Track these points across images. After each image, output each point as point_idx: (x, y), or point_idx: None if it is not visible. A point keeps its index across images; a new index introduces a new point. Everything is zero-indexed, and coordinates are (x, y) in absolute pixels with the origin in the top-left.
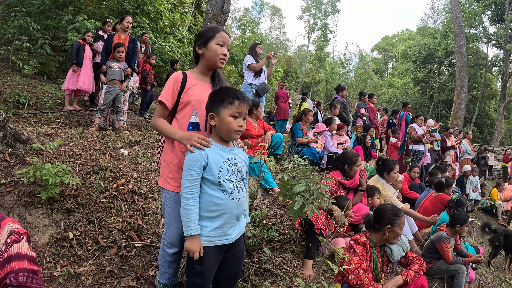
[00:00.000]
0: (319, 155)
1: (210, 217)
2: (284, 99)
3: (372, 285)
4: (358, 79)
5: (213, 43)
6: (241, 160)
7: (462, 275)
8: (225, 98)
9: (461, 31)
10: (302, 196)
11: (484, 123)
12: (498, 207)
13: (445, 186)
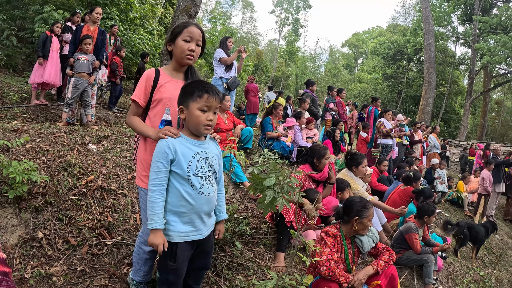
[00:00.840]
0: (289, 148)
1: (180, 212)
2: (254, 93)
3: (344, 276)
4: (328, 74)
5: (180, 39)
6: (213, 154)
7: (430, 264)
8: (195, 91)
9: (430, 29)
10: (273, 190)
11: (451, 118)
12: (464, 198)
13: (413, 180)
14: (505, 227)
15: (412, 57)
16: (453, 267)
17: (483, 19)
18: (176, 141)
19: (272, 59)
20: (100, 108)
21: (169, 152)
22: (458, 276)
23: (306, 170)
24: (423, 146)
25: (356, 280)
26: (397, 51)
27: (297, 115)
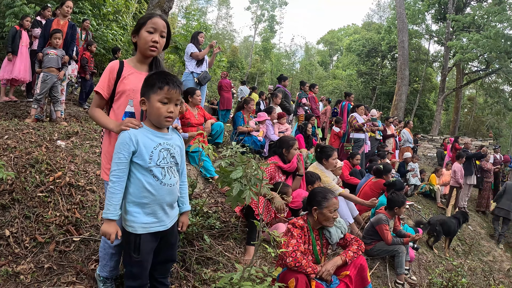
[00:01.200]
0: (260, 143)
1: (142, 203)
2: (228, 88)
3: (311, 267)
4: (303, 71)
5: (143, 30)
6: (175, 145)
7: (402, 255)
8: (155, 83)
9: (404, 27)
10: (240, 182)
11: (424, 114)
12: (437, 191)
13: (383, 172)
14: (478, 218)
15: (386, 54)
16: (426, 257)
17: (456, 18)
18: (138, 132)
19: (247, 56)
20: (70, 104)
21: (131, 143)
22: (431, 266)
23: (276, 160)
24: (396, 140)
25: (324, 271)
26: (372, 48)
27: (268, 110)
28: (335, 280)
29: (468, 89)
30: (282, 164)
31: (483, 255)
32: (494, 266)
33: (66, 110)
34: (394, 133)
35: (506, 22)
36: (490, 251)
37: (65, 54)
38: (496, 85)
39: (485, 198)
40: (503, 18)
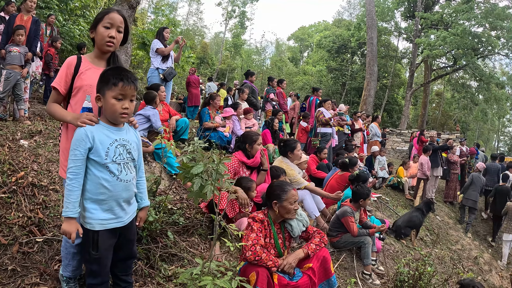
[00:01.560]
0: (227, 139)
1: (99, 200)
2: (196, 85)
3: (272, 260)
4: (274, 67)
5: (100, 26)
6: (131, 141)
7: (368, 246)
8: (110, 79)
9: (373, 24)
10: (201, 178)
11: (393, 109)
12: (405, 183)
13: (349, 165)
14: (446, 208)
15: (356, 51)
16: (394, 248)
17: (425, 16)
18: (94, 129)
19: (218, 52)
20: (35, 103)
21: (87, 140)
22: (399, 256)
23: (239, 156)
24: (364, 134)
25: (285, 264)
26: (342, 44)
27: (234, 106)
28: (298, 273)
29: (436, 85)
30: (245, 159)
31: (451, 244)
32: (463, 255)
33: (30, 108)
34: (362, 127)
35: (474, 20)
36: (459, 240)
37: (28, 51)
38: (463, 81)
39: (452, 189)
40: (470, 16)
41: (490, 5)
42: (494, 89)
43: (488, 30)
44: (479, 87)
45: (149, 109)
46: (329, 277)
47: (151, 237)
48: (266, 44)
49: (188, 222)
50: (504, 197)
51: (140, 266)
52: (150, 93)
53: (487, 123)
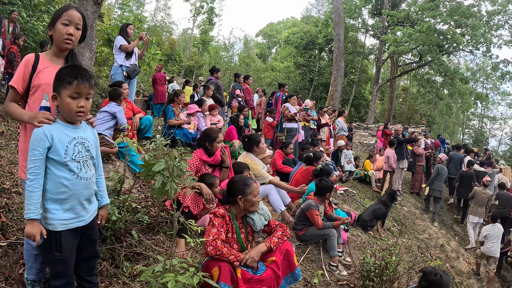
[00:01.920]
0: (192, 136)
1: (60, 199)
2: (162, 82)
3: (233, 254)
4: (242, 63)
5: (59, 23)
6: (89, 139)
7: (333, 238)
8: (65, 78)
9: (340, 21)
10: (162, 175)
11: (360, 104)
12: (372, 176)
13: (313, 160)
14: (412, 199)
15: (323, 47)
16: (361, 239)
17: (391, 13)
18: (52, 127)
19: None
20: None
21: (46, 139)
22: (366, 247)
23: (200, 154)
24: (330, 129)
25: (248, 258)
26: (309, 41)
27: (199, 102)
28: (261, 267)
29: (402, 80)
30: (206, 157)
31: (418, 234)
32: (430, 243)
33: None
34: (328, 122)
35: (439, 18)
36: (426, 229)
37: None
38: (429, 76)
39: (418, 180)
40: (436, 14)
41: (456, 3)
42: (458, 84)
43: (453, 28)
44: (443, 82)
45: (114, 106)
46: (293, 269)
47: (115, 237)
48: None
49: (153, 220)
50: (468, 181)
51: (105, 267)
52: (116, 90)
53: (452, 117)
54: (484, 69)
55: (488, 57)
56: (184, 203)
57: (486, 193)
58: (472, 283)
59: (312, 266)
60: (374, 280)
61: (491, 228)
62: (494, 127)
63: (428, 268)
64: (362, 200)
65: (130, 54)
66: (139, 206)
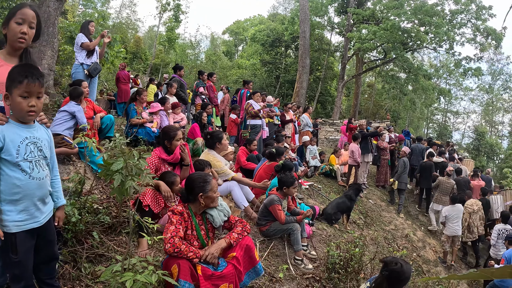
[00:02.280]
0: (154, 134)
1: (13, 200)
2: (125, 80)
3: (192, 251)
4: (208, 61)
5: (13, 21)
6: (42, 139)
7: (296, 232)
8: (16, 77)
9: (306, 18)
10: (121, 174)
11: (326, 100)
12: (337, 170)
13: (276, 155)
14: (378, 192)
15: (289, 44)
16: (327, 232)
17: (357, 11)
18: (4, 128)
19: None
20: None
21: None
22: (332, 240)
23: (159, 152)
24: (295, 125)
25: (208, 254)
26: (276, 38)
27: (162, 100)
28: (222, 263)
29: (367, 77)
30: (165, 155)
31: (385, 225)
32: (396, 234)
33: None
34: (293, 118)
35: (403, 16)
36: (392, 221)
37: None
38: (393, 73)
39: (383, 173)
40: (400, 12)
41: (420, 2)
42: (422, 80)
43: (417, 26)
44: (407, 78)
45: (74, 105)
46: (255, 264)
47: (76, 239)
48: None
49: (114, 221)
50: (428, 172)
51: (67, 270)
52: (76, 89)
53: (416, 112)
54: (447, 65)
55: (451, 54)
56: (144, 202)
57: (449, 182)
58: (439, 270)
59: (277, 260)
60: (339, 272)
61: (451, 209)
62: (457, 121)
63: (388, 258)
64: (328, 194)
65: (92, 52)
66: (100, 206)
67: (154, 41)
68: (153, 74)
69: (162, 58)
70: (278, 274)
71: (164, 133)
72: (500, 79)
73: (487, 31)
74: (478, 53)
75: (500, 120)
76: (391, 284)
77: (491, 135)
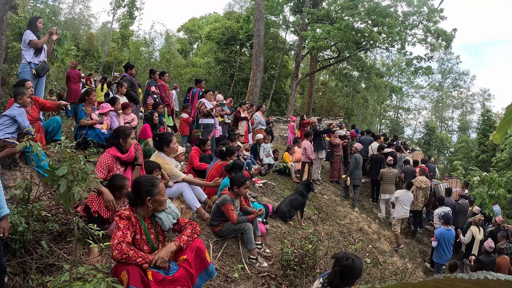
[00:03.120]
0: (104, 136)
1: None
2: (76, 80)
3: (141, 257)
4: (162, 59)
5: None
6: None
7: (249, 231)
8: None
9: (261, 17)
10: (66, 179)
11: (281, 98)
12: (291, 167)
13: (227, 154)
14: (332, 187)
15: (244, 43)
16: (281, 230)
17: (312, 11)
18: None
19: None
20: None
21: None
22: (286, 237)
23: (113, 151)
24: (249, 123)
25: (157, 259)
26: (231, 36)
27: (112, 101)
28: (173, 266)
29: (321, 75)
30: (119, 154)
31: (340, 220)
32: (351, 228)
33: None
34: (246, 116)
35: (357, 17)
36: (347, 215)
37: None
38: (346, 71)
39: (337, 169)
40: (354, 12)
41: (374, 4)
42: (374, 78)
43: (370, 26)
44: (360, 76)
45: (15, 109)
46: (206, 266)
47: (25, 249)
48: (155, 35)
49: (64, 228)
50: (378, 164)
51: (17, 282)
52: (16, 90)
53: (368, 109)
54: (399, 64)
55: (402, 54)
56: (92, 208)
57: (391, 172)
58: (395, 260)
59: (231, 260)
60: (294, 268)
61: (404, 193)
62: (409, 117)
63: (339, 254)
64: (282, 191)
65: (40, 50)
66: (48, 214)
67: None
68: (105, 72)
69: (115, 56)
70: (233, 274)
71: (118, 132)
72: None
73: (438, 32)
74: (428, 53)
75: (450, 116)
76: (343, 279)
77: (441, 130)
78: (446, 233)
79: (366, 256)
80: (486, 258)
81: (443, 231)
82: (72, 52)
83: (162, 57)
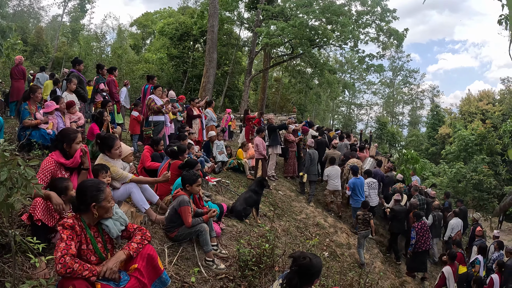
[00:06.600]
0: (50, 137)
1: None
2: (19, 76)
3: (88, 269)
4: (114, 55)
5: None
6: None
7: (205, 233)
8: None
9: (215, 12)
10: (4, 186)
11: (234, 95)
12: (245, 164)
13: (178, 153)
14: (286, 183)
15: (198, 38)
16: (237, 229)
17: (266, 8)
18: None
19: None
20: None
21: None
22: (243, 236)
23: (56, 157)
24: (202, 120)
25: (106, 270)
26: (184, 32)
27: (56, 99)
28: (124, 277)
29: (275, 71)
30: (63, 160)
31: (296, 215)
32: (308, 222)
33: None
34: (200, 113)
35: (312, 14)
36: (303, 210)
37: None
38: (300, 68)
39: (291, 165)
40: (309, 10)
41: (328, 2)
42: (327, 74)
43: (324, 24)
44: (313, 73)
45: None
46: (160, 274)
47: None
48: (107, 30)
49: (7, 240)
50: (323, 147)
51: None
52: None
53: (321, 104)
54: (352, 62)
55: (355, 52)
56: (35, 216)
57: (335, 153)
58: (352, 252)
59: (187, 264)
60: (252, 268)
61: (331, 169)
62: (361, 112)
63: (296, 253)
64: (237, 189)
65: None
66: None
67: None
68: (55, 69)
69: (65, 51)
70: (190, 278)
71: (63, 135)
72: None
73: (390, 32)
74: (380, 51)
75: (400, 111)
76: (302, 279)
77: (392, 124)
78: (357, 181)
79: (324, 250)
80: (397, 207)
81: (353, 180)
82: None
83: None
